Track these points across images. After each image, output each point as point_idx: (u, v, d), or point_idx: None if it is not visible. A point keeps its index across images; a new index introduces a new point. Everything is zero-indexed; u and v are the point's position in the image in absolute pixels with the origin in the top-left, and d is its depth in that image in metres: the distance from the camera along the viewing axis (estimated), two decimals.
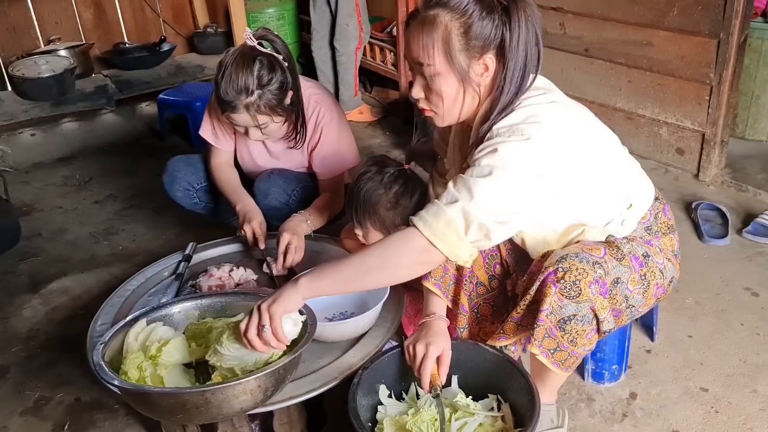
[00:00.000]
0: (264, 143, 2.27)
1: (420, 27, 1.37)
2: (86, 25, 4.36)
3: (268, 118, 2.01)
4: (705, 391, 1.85)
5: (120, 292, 1.94)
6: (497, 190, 1.32)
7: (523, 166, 1.32)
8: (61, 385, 2.01)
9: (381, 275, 1.41)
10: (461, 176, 1.36)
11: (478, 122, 1.46)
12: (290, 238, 1.96)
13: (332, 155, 2.23)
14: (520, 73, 1.38)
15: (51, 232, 2.93)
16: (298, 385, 1.53)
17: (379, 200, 1.82)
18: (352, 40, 3.69)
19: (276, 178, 2.23)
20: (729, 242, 2.50)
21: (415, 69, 1.42)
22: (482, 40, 1.36)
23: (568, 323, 1.44)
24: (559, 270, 1.43)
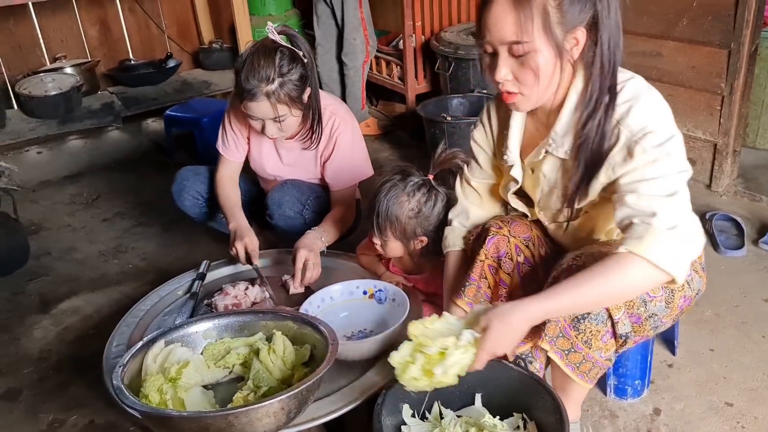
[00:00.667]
0: (277, 151, 2.26)
1: (510, 4, 1.28)
2: (92, 42, 4.36)
3: (287, 110, 2.00)
4: (730, 406, 1.82)
5: (134, 312, 1.92)
6: (683, 202, 1.32)
7: (684, 168, 1.34)
8: (75, 407, 1.98)
9: (613, 303, 1.41)
10: (646, 194, 1.31)
11: (576, 104, 1.41)
12: (307, 254, 1.94)
13: (346, 166, 2.22)
14: (614, 48, 1.34)
15: (60, 251, 2.91)
16: (320, 406, 1.50)
17: (401, 208, 1.80)
18: (359, 53, 3.69)
19: (290, 188, 2.22)
20: (745, 253, 2.47)
21: (500, 51, 1.33)
22: (577, 10, 1.30)
23: (581, 322, 1.43)
24: (574, 266, 1.42)
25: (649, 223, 1.29)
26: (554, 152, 1.48)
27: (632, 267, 1.29)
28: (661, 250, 1.28)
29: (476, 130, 1.71)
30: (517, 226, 1.62)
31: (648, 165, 1.32)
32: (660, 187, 1.31)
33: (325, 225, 2.12)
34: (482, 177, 1.73)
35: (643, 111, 1.35)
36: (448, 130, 3.15)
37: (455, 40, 3.48)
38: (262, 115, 2.00)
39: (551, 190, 1.54)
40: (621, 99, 1.37)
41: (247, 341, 1.63)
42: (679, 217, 1.31)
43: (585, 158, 1.40)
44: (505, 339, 1.32)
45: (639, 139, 1.33)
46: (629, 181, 1.34)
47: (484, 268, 1.61)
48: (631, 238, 1.31)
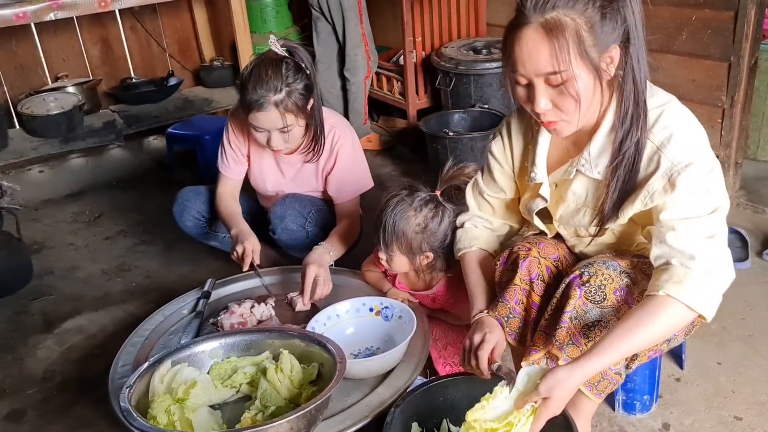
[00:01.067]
0: (279, 167, 2.26)
1: (542, 35, 1.26)
2: (93, 61, 4.39)
3: (294, 120, 2.01)
4: (739, 420, 1.81)
5: (139, 332, 1.91)
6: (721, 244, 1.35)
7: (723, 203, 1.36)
8: (80, 427, 1.97)
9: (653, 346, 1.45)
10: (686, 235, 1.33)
11: (612, 125, 1.40)
12: (317, 270, 1.94)
13: (348, 178, 2.23)
14: (642, 61, 1.32)
15: (63, 269, 2.90)
16: (328, 425, 1.50)
17: (408, 223, 1.80)
18: (360, 69, 3.71)
19: (291, 202, 2.23)
20: (750, 265, 2.47)
21: (536, 82, 1.31)
22: (610, 28, 1.28)
23: (592, 330, 1.43)
24: (585, 274, 1.43)
25: (688, 267, 1.31)
26: (587, 172, 1.46)
27: (671, 310, 1.32)
28: (699, 295, 1.31)
29: (494, 143, 1.68)
30: (545, 247, 1.59)
31: (689, 201, 1.33)
32: (700, 228, 1.32)
33: (332, 240, 2.12)
34: (495, 192, 1.71)
35: (685, 140, 1.35)
36: (450, 146, 3.16)
37: (456, 56, 3.50)
38: (270, 126, 2.00)
39: (579, 209, 1.53)
40: (661, 124, 1.36)
41: (254, 360, 1.63)
42: (717, 261, 1.33)
43: (621, 180, 1.40)
44: (564, 402, 1.33)
45: (681, 170, 1.33)
46: (669, 218, 1.34)
47: (519, 292, 1.56)
48: (670, 281, 1.32)
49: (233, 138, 2.25)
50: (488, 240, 1.74)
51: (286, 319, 1.92)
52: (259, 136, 2.06)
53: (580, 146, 1.48)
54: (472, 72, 3.39)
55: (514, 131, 1.62)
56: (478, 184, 1.74)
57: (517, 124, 1.62)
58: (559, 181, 1.54)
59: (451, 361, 1.86)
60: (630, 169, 1.38)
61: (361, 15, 3.62)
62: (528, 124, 1.59)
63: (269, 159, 2.27)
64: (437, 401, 1.57)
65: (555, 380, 1.31)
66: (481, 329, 1.52)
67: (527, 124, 1.59)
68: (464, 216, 1.78)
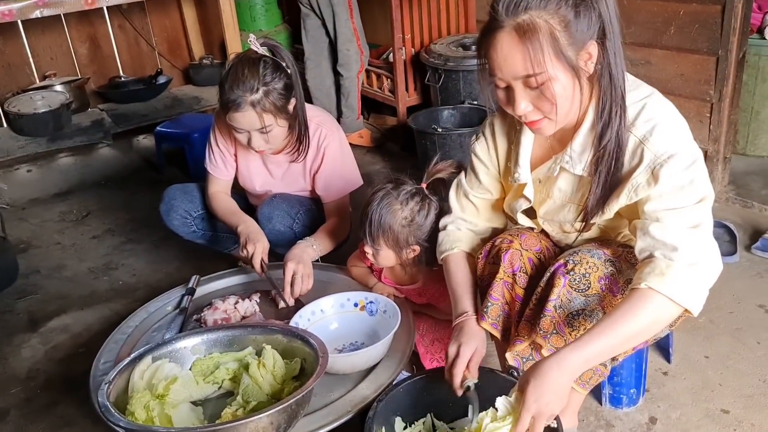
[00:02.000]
0: (266, 167, 2.25)
1: (516, 39, 1.25)
2: (81, 59, 4.36)
3: (272, 120, 1.98)
4: (726, 413, 1.80)
5: (123, 329, 1.90)
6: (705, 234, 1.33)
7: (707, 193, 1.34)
8: (63, 427, 1.95)
9: (639, 341, 1.40)
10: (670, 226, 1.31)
11: (593, 121, 1.39)
12: (295, 267, 1.92)
13: (336, 177, 2.21)
14: (619, 55, 1.31)
15: (49, 268, 2.88)
16: (311, 421, 1.48)
17: (394, 216, 1.79)
18: (353, 64, 3.70)
19: (279, 202, 2.20)
20: (738, 259, 2.47)
21: (514, 85, 1.31)
22: (585, 25, 1.26)
23: (576, 318, 1.42)
24: (570, 262, 1.42)
25: (671, 259, 1.29)
26: (571, 169, 1.45)
27: (654, 304, 1.30)
28: (681, 288, 1.29)
29: (477, 143, 1.65)
30: (527, 239, 1.58)
31: (673, 192, 1.32)
32: (684, 218, 1.31)
33: (318, 235, 2.11)
34: (481, 192, 1.68)
35: (668, 132, 1.34)
36: (439, 142, 3.15)
37: (445, 52, 3.49)
38: (248, 126, 1.98)
39: (564, 205, 1.52)
40: (643, 117, 1.36)
41: (236, 356, 1.61)
42: (701, 252, 1.31)
43: (604, 175, 1.38)
44: (546, 395, 1.26)
45: (664, 162, 1.32)
46: (653, 209, 1.33)
47: (501, 285, 1.55)
48: (652, 273, 1.30)
49: (220, 137, 2.23)
50: (471, 242, 1.70)
51: (270, 314, 1.91)
52: (239, 137, 2.04)
53: (564, 143, 1.47)
54: (461, 68, 3.38)
55: (497, 131, 1.61)
56: (462, 185, 1.71)
57: (500, 124, 1.60)
58: (542, 177, 1.53)
59: (438, 357, 1.85)
60: (612, 163, 1.37)
61: (351, 9, 3.61)
62: (511, 123, 1.57)
63: (256, 160, 2.25)
64: (421, 396, 1.56)
65: (530, 370, 1.30)
66: (457, 339, 1.49)
67: (510, 123, 1.58)
68: (447, 218, 1.74)
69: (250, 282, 2.12)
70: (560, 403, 1.28)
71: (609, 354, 1.36)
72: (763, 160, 3.22)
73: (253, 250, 2.00)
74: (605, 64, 1.32)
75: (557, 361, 1.28)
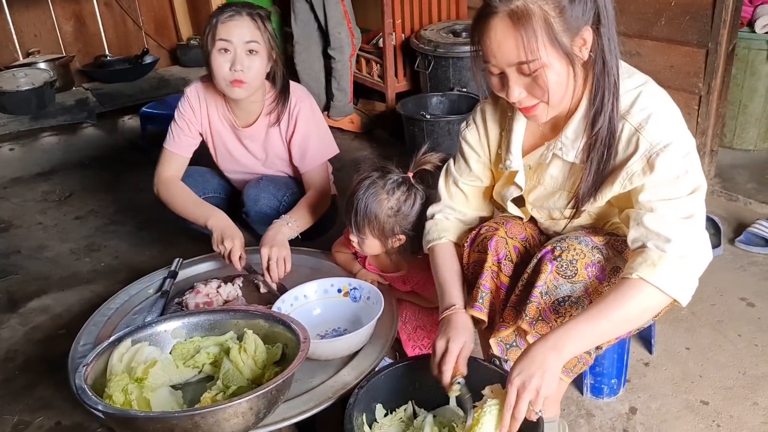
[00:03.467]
0: (242, 143, 2.22)
1: (510, 25, 1.24)
2: (66, 37, 4.30)
3: (261, 40, 2.00)
4: (705, 405, 1.82)
5: (103, 311, 1.87)
6: (698, 225, 1.33)
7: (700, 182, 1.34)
8: (41, 408, 1.93)
9: (627, 329, 1.40)
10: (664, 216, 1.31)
11: (587, 108, 1.38)
12: (269, 251, 1.89)
13: (310, 143, 2.18)
14: (614, 40, 1.31)
15: (30, 249, 2.84)
16: (291, 406, 1.47)
17: (380, 206, 1.77)
18: (345, 47, 3.66)
19: (266, 184, 2.18)
20: (722, 252, 2.48)
21: (508, 72, 1.30)
22: (580, 11, 1.25)
23: (562, 305, 1.41)
24: (557, 248, 1.41)
25: (663, 250, 1.30)
26: (564, 156, 1.45)
27: (643, 293, 1.31)
28: (671, 279, 1.30)
29: (468, 130, 1.63)
30: (512, 227, 1.57)
31: (668, 182, 1.32)
32: (678, 209, 1.32)
33: (296, 210, 2.07)
34: (471, 180, 1.66)
35: (663, 121, 1.34)
36: (427, 128, 3.13)
37: (435, 38, 3.46)
38: (239, 36, 1.97)
39: (554, 192, 1.51)
40: (639, 105, 1.35)
41: (217, 340, 1.59)
42: (692, 244, 1.32)
43: (596, 162, 1.38)
44: (530, 368, 1.26)
45: (660, 151, 1.31)
46: (648, 199, 1.33)
47: (487, 273, 1.53)
48: (644, 264, 1.31)
49: (188, 111, 2.19)
50: (459, 232, 1.68)
51: (253, 299, 1.89)
52: (221, 62, 1.99)
53: (557, 130, 1.46)
54: (451, 55, 3.36)
55: (488, 118, 1.59)
56: (451, 172, 1.68)
57: (491, 110, 1.59)
58: (534, 164, 1.52)
59: (420, 344, 1.84)
60: (604, 150, 1.37)
61: None
62: (503, 110, 1.56)
63: (232, 138, 2.23)
64: (403, 383, 1.55)
65: (524, 354, 1.29)
66: (445, 334, 1.46)
67: (502, 110, 1.56)
68: (435, 207, 1.72)
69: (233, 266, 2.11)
70: (547, 380, 1.26)
71: (598, 340, 1.36)
72: (749, 153, 3.23)
73: (231, 245, 1.95)
74: (599, 51, 1.31)
75: (545, 340, 1.29)
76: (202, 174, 2.36)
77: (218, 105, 2.18)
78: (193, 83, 2.22)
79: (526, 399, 1.24)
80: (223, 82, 2.01)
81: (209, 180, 2.35)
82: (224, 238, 1.97)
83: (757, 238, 2.50)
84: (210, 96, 2.17)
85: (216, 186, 2.37)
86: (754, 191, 2.87)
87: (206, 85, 2.17)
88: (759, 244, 2.49)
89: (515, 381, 1.26)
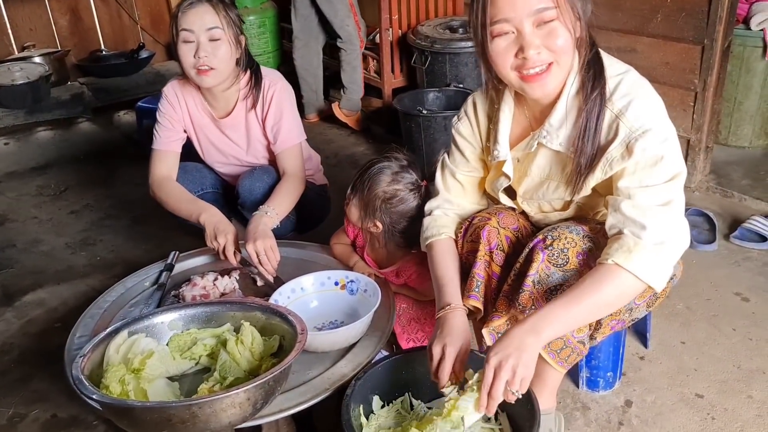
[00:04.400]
0: (224, 132, 2.23)
1: None
2: (62, 32, 4.28)
3: (223, 27, 1.99)
4: (700, 398, 1.83)
5: (99, 303, 1.87)
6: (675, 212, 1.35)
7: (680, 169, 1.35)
8: (37, 401, 1.93)
9: (604, 313, 1.40)
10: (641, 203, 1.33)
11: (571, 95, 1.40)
12: (254, 246, 1.88)
13: (285, 122, 2.18)
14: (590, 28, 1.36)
15: (25, 242, 2.83)
16: (288, 398, 1.47)
17: (379, 182, 1.79)
18: (354, 39, 3.65)
19: (260, 174, 2.19)
20: (717, 248, 2.49)
21: (525, 26, 1.30)
22: None
23: (554, 293, 1.43)
24: (549, 237, 1.43)
25: (638, 237, 1.32)
26: (548, 144, 1.45)
27: (619, 279, 1.33)
28: (646, 266, 1.32)
29: (461, 123, 1.64)
30: (505, 217, 1.57)
31: (646, 168, 1.33)
32: (655, 196, 1.33)
33: (273, 198, 2.07)
34: (468, 170, 1.66)
35: (643, 107, 1.35)
36: (423, 124, 3.13)
37: (432, 34, 3.46)
38: (199, 24, 1.98)
39: (543, 182, 1.52)
40: (620, 92, 1.37)
41: (214, 332, 1.59)
42: (668, 231, 1.33)
43: (582, 149, 1.39)
44: (507, 349, 1.26)
45: (639, 136, 1.33)
46: (626, 186, 1.35)
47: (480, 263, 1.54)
48: (620, 250, 1.32)
49: (169, 109, 2.21)
50: (458, 228, 1.66)
51: (250, 292, 1.89)
52: (186, 51, 2.00)
53: (542, 120, 1.47)
54: (447, 51, 3.36)
55: (479, 109, 1.60)
56: (447, 165, 1.68)
57: (481, 101, 1.60)
58: (521, 155, 1.53)
59: (414, 336, 1.84)
60: (589, 138, 1.38)
61: None
62: (491, 101, 1.57)
63: (213, 130, 2.24)
64: (399, 375, 1.55)
65: (501, 337, 1.30)
66: (441, 339, 1.43)
67: (490, 101, 1.57)
68: (433, 202, 1.70)
69: None
70: (524, 360, 1.26)
71: (575, 323, 1.37)
72: (744, 150, 3.24)
73: (225, 241, 1.95)
74: (587, 38, 1.34)
75: (522, 323, 1.31)
76: (199, 170, 2.35)
77: (196, 99, 2.19)
78: (169, 82, 2.24)
79: (503, 378, 1.25)
80: (191, 71, 2.04)
81: (206, 176, 2.36)
82: (217, 233, 1.97)
83: (752, 234, 2.52)
84: (187, 91, 2.19)
85: (213, 181, 2.37)
86: (748, 188, 2.88)
87: (183, 82, 2.19)
88: (753, 239, 2.50)
89: (492, 361, 1.27)
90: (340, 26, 3.60)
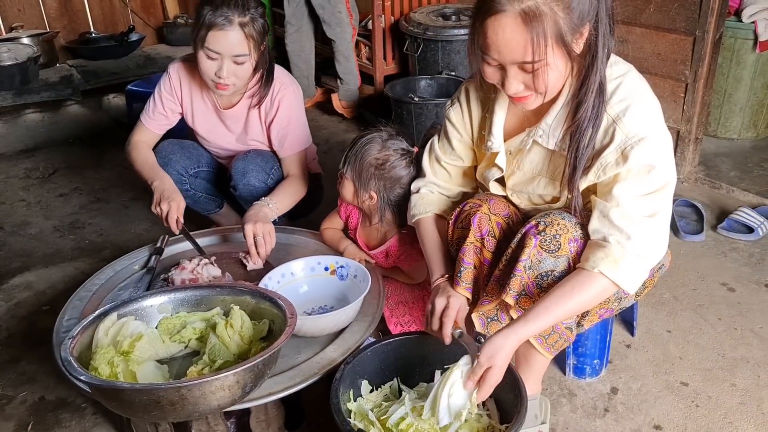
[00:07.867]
0: (224, 123, 2.22)
1: (520, 25, 1.22)
2: (51, 13, 4.23)
3: (250, 51, 1.97)
4: (685, 386, 1.85)
5: (88, 286, 1.86)
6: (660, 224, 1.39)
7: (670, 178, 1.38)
8: (25, 383, 1.92)
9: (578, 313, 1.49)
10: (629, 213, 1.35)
11: (569, 97, 1.39)
12: (254, 227, 1.89)
13: (290, 130, 2.18)
14: (609, 34, 1.31)
15: (13, 225, 2.82)
16: (277, 381, 1.48)
17: (370, 150, 1.81)
18: (346, 27, 3.62)
19: (254, 157, 2.18)
20: (704, 238, 2.51)
21: (509, 68, 1.30)
22: (586, 7, 1.26)
23: (545, 279, 1.44)
24: (541, 223, 1.43)
25: (623, 247, 1.35)
26: (544, 143, 1.46)
27: (600, 286, 1.38)
28: (627, 275, 1.37)
29: (452, 109, 1.64)
30: (496, 204, 1.58)
31: (639, 176, 1.34)
32: (645, 206, 1.35)
33: (276, 193, 2.08)
34: (453, 159, 1.67)
35: (640, 113, 1.35)
36: (415, 111, 3.13)
37: (424, 21, 3.45)
38: (227, 50, 1.94)
39: (534, 178, 1.53)
40: (618, 96, 1.36)
41: (203, 316, 1.59)
42: (651, 243, 1.38)
43: (577, 152, 1.39)
44: (504, 367, 1.35)
45: (635, 144, 1.33)
46: (617, 193, 1.36)
47: (471, 249, 1.55)
48: (606, 259, 1.36)
49: (168, 89, 2.19)
50: (444, 206, 1.71)
51: (239, 276, 1.89)
52: (208, 66, 1.98)
53: (539, 115, 1.46)
54: (440, 38, 3.35)
55: (472, 98, 1.59)
56: (434, 150, 1.70)
57: (475, 90, 1.59)
58: (514, 150, 1.53)
59: (402, 320, 1.85)
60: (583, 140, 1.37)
61: None
62: (486, 91, 1.56)
63: (213, 118, 2.22)
64: (389, 360, 1.56)
65: (493, 348, 1.34)
66: (444, 293, 1.51)
67: (486, 91, 1.56)
68: (419, 181, 1.75)
69: (219, 243, 2.11)
70: (503, 360, 1.35)
71: (552, 323, 1.43)
72: (732, 142, 3.27)
73: (168, 208, 1.97)
74: (593, 43, 1.31)
75: (515, 335, 1.36)
76: (196, 147, 2.35)
77: (201, 85, 2.17)
78: (176, 61, 2.21)
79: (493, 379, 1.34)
80: (209, 81, 2.03)
81: (202, 154, 2.35)
82: (162, 199, 2.00)
83: (739, 225, 2.54)
84: (193, 76, 2.17)
85: (209, 160, 2.37)
86: (736, 179, 2.91)
87: (190, 65, 2.16)
88: (740, 231, 2.52)
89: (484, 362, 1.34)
90: (333, 12, 3.57)
